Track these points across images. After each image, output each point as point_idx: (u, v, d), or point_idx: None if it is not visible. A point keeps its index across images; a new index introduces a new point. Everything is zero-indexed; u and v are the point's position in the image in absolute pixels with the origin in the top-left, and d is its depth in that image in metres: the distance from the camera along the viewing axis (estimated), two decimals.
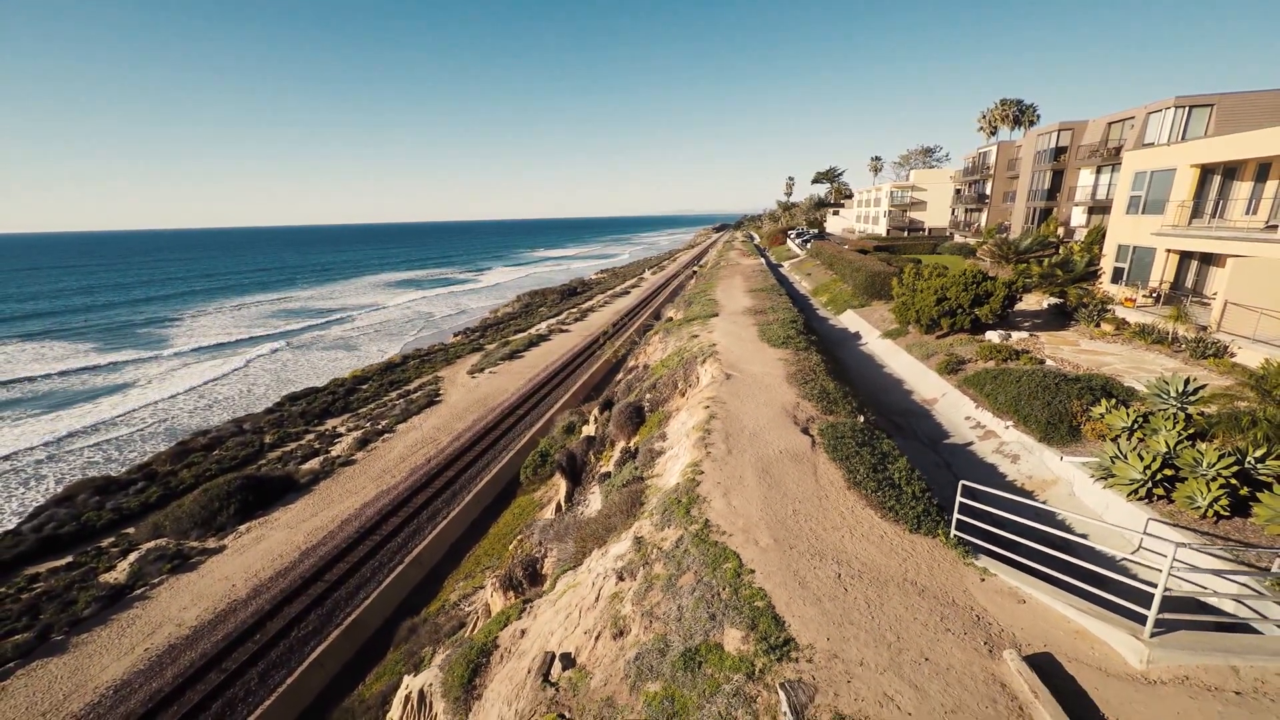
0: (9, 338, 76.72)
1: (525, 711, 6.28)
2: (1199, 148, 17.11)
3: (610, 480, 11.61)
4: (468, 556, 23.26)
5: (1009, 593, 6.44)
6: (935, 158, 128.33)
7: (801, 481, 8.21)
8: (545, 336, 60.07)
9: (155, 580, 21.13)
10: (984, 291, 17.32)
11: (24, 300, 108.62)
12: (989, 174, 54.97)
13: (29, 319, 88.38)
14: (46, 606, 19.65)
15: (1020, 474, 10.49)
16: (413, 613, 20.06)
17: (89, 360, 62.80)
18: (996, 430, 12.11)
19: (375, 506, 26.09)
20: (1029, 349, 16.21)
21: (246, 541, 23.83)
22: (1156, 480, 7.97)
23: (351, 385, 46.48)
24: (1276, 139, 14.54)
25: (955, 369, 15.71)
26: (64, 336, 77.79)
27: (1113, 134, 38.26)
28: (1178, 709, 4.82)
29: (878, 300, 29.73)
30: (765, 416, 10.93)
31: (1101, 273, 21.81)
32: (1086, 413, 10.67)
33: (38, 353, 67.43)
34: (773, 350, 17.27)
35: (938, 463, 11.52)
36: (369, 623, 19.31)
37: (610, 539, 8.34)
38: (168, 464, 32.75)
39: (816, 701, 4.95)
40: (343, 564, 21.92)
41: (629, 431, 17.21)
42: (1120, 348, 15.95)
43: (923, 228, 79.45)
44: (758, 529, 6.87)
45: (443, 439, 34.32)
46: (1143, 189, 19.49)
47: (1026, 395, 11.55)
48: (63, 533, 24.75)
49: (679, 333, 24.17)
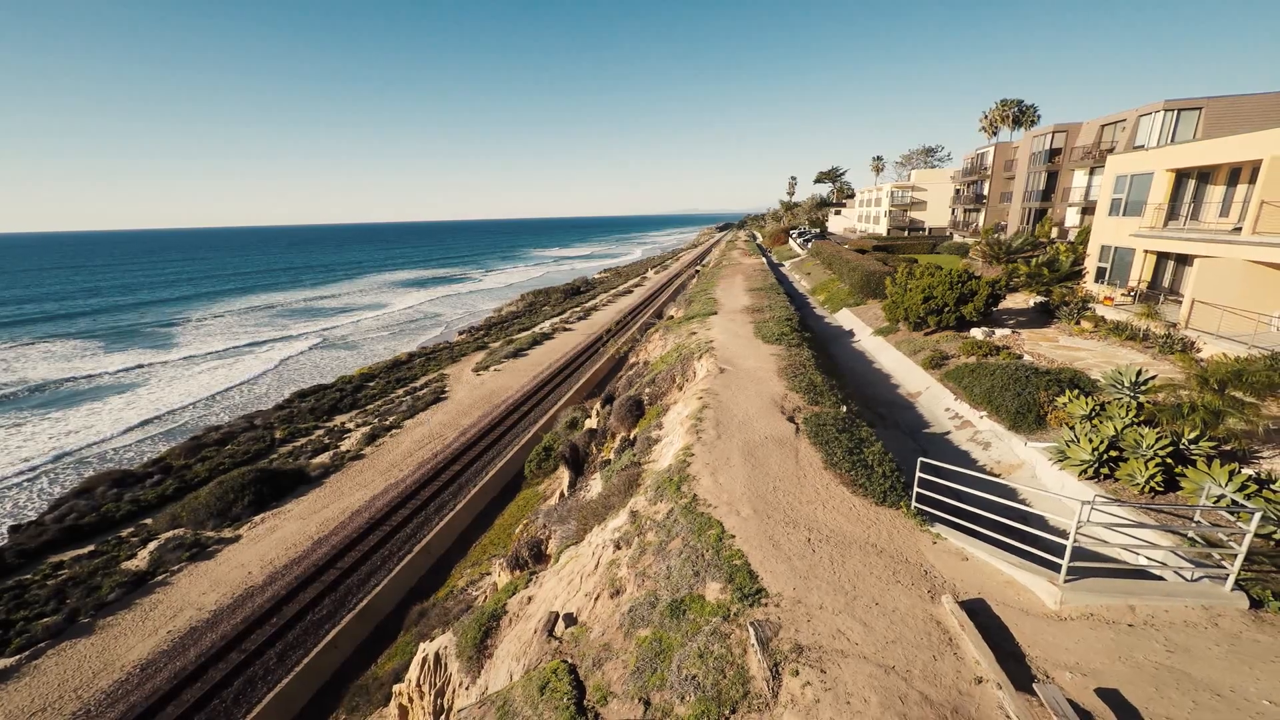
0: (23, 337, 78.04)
1: (533, 663, 7.09)
2: (1174, 153, 17.87)
3: (610, 466, 12.45)
4: (475, 545, 24.10)
5: (955, 552, 7.32)
6: (936, 157, 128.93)
7: (783, 462, 9.04)
8: (549, 335, 60.92)
9: (175, 567, 22.04)
10: (969, 290, 18.10)
11: (37, 300, 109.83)
12: (986, 175, 55.69)
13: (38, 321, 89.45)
14: (72, 591, 20.58)
15: (990, 459, 11.30)
16: (422, 598, 20.94)
17: (100, 364, 63.62)
18: (972, 420, 12.90)
19: (385, 499, 26.96)
20: (1009, 345, 16.99)
21: (261, 531, 24.74)
22: (1104, 461, 8.76)
23: (359, 383, 47.40)
24: (1241, 146, 15.29)
25: (939, 364, 16.49)
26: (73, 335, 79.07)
27: (1105, 136, 38.96)
28: (1079, 637, 5.76)
29: (873, 299, 30.52)
30: (754, 406, 11.77)
31: (1086, 272, 22.56)
32: (1052, 402, 11.47)
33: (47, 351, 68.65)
34: (767, 346, 18.09)
35: (914, 449, 12.31)
36: (381, 607, 20.18)
37: (609, 516, 9.16)
38: (182, 458, 33.73)
39: (780, 635, 5.82)
40: (354, 552, 22.80)
41: (629, 423, 18.06)
42: (1096, 344, 16.72)
43: (923, 227, 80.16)
44: (740, 502, 7.70)
45: (449, 435, 35.21)
46: (1124, 192, 20.23)
47: (999, 387, 12.35)
48: (84, 523, 25.70)
49: (679, 330, 25.02)
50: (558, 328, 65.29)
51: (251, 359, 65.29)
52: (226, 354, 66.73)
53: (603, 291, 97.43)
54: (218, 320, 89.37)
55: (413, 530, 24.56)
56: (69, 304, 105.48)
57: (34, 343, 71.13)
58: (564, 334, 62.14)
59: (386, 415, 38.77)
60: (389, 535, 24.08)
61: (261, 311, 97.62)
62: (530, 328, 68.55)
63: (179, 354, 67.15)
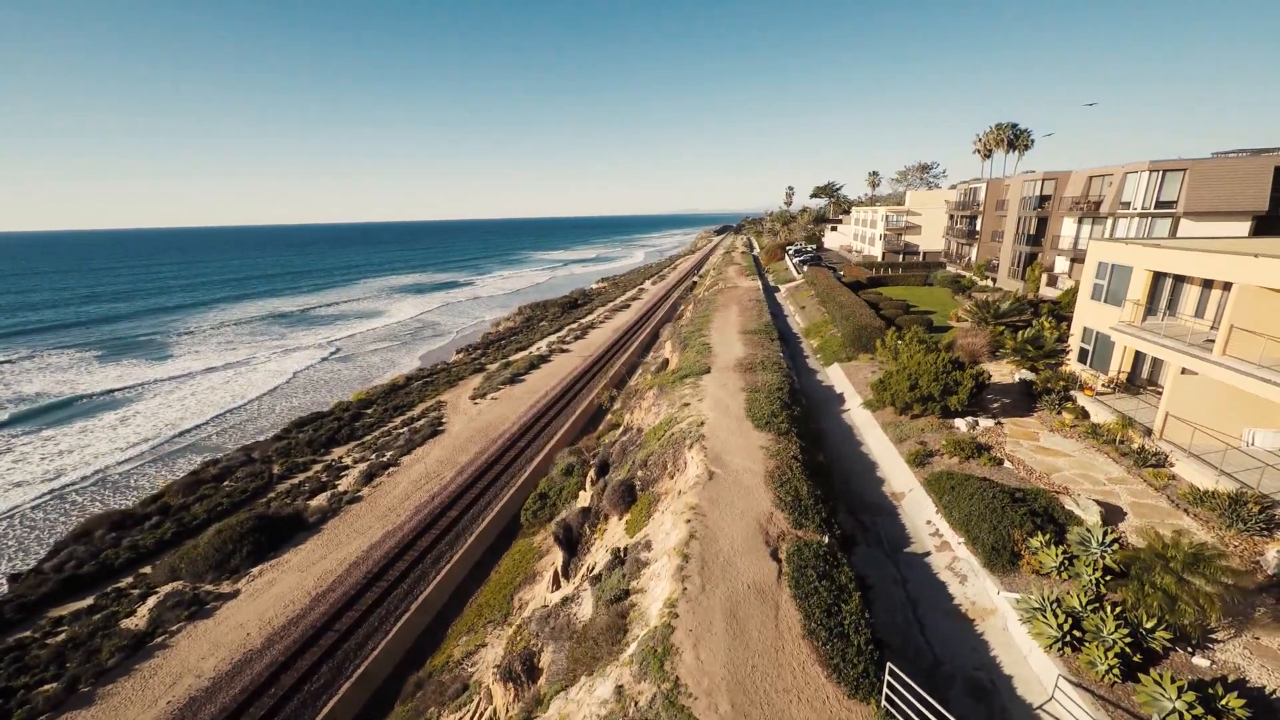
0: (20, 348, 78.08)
1: None
2: (1152, 256, 18.44)
3: (601, 584, 12.96)
4: (470, 604, 24.55)
5: None
6: (932, 174, 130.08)
7: (763, 627, 9.58)
8: (546, 357, 61.27)
9: (174, 628, 22.37)
10: (953, 381, 18.69)
11: (34, 308, 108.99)
12: (979, 210, 56.38)
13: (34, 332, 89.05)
14: (72, 655, 20.88)
15: (966, 598, 11.85)
16: (418, 665, 21.42)
17: (96, 379, 63.56)
18: (951, 543, 13.47)
19: (382, 549, 27.34)
20: (991, 444, 17.58)
21: (259, 586, 25.10)
22: (1068, 640, 9.31)
23: (356, 410, 47.69)
24: (1215, 266, 15.83)
25: (923, 462, 17.06)
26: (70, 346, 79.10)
27: (1094, 188, 39.66)
28: None
29: (864, 354, 31.14)
30: (740, 535, 12.32)
31: (1069, 350, 23.21)
32: (1026, 542, 12.03)
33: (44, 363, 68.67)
34: (757, 434, 18.60)
35: (895, 578, 12.87)
36: (378, 674, 20.62)
37: (597, 670, 9.69)
38: (180, 496, 34.03)
39: None
40: (352, 612, 23.22)
41: (621, 509, 18.57)
42: (1075, 445, 17.32)
43: (917, 251, 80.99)
44: (719, 692, 8.18)
45: (446, 473, 35.60)
46: (1105, 279, 20.81)
47: (977, 516, 12.91)
48: (83, 573, 26.00)
49: (672, 393, 25.54)
50: (555, 348, 65.69)
51: (250, 373, 65.38)
52: (224, 369, 66.69)
53: (600, 304, 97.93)
54: (214, 331, 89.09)
55: (410, 585, 24.97)
56: (65, 312, 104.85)
57: (31, 355, 70.93)
58: (561, 356, 62.55)
59: (384, 450, 39.12)
60: (386, 591, 24.45)
61: (258, 321, 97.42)
62: (527, 347, 68.99)
63: (176, 367, 67.02)
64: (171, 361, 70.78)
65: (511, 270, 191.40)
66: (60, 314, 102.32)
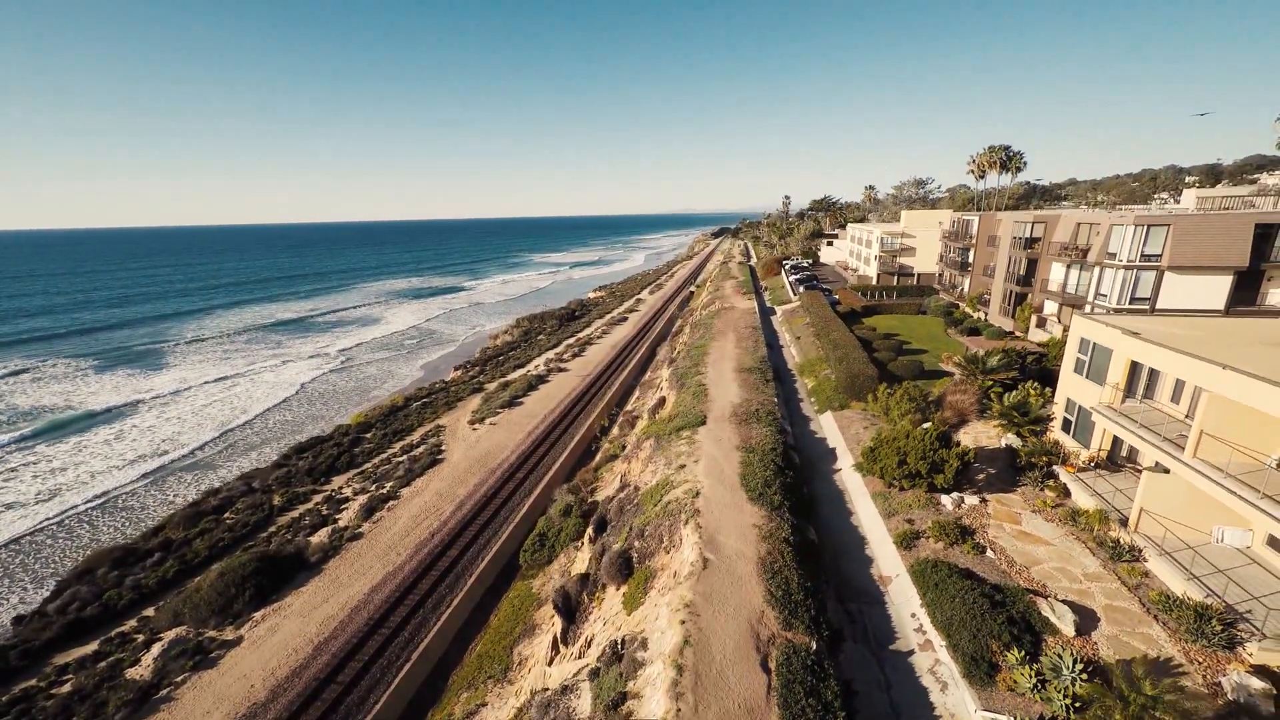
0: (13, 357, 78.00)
1: None
2: (1130, 346, 19.22)
3: (600, 682, 13.63)
4: (470, 652, 25.19)
5: None
6: (926, 189, 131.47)
7: None
8: (544, 378, 61.75)
9: (179, 679, 22.81)
10: (939, 459, 19.48)
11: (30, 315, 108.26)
12: (971, 243, 57.27)
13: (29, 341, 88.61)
14: (79, 709, 21.28)
15: (945, 708, 12.59)
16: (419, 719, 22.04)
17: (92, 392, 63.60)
18: (934, 644, 14.21)
19: (383, 592, 27.85)
20: (975, 526, 18.38)
21: (262, 632, 25.59)
22: None
23: (355, 434, 48.15)
24: (1188, 368, 16.50)
25: (910, 544, 17.84)
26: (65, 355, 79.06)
27: (1081, 234, 40.54)
28: None
29: (857, 402, 31.91)
30: (732, 641, 13.04)
31: (1053, 418, 24.05)
32: (1004, 654, 12.79)
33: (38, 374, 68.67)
34: (750, 508, 19.33)
35: (880, 682, 13.59)
36: None
37: None
38: (181, 529, 34.45)
39: None
40: (354, 662, 23.74)
41: (618, 580, 19.24)
42: (1055, 531, 18.14)
43: (912, 273, 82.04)
44: None
45: (445, 508, 36.12)
46: (1087, 355, 21.61)
47: (958, 622, 13.67)
48: (86, 615, 26.40)
49: (668, 449, 26.21)
50: (553, 366, 66.21)
51: (248, 386, 65.49)
52: (221, 381, 66.77)
53: (598, 316, 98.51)
54: (211, 340, 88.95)
55: (411, 632, 25.50)
56: (60, 319, 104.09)
57: (26, 368, 70.64)
58: (559, 375, 63.06)
59: (384, 480, 39.60)
60: (388, 639, 24.96)
61: (255, 330, 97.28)
62: (525, 364, 69.47)
63: (173, 378, 67.00)
64: (168, 372, 70.78)
65: (511, 274, 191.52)
66: (56, 321, 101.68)
